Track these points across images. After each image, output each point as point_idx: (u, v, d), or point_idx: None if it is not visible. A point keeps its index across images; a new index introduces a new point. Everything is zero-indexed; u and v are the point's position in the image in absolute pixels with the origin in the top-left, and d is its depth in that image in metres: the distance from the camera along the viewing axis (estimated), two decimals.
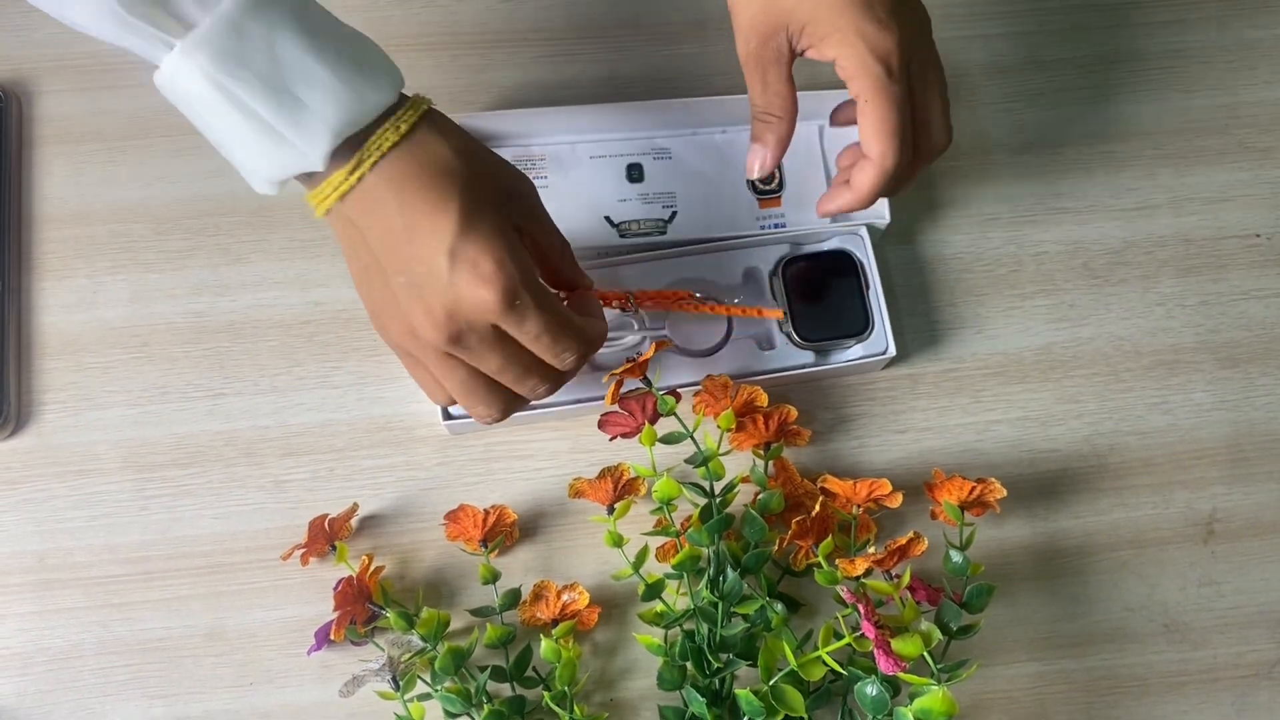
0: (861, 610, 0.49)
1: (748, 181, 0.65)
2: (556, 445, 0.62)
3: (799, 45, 0.51)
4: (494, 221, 0.46)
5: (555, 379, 0.51)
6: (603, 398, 0.57)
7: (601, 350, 0.59)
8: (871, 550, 0.52)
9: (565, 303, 0.51)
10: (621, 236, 0.63)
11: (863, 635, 0.49)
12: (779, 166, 0.65)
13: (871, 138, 0.51)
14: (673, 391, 0.57)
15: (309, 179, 0.47)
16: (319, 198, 0.46)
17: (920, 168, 0.54)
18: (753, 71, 0.53)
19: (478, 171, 0.47)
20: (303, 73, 0.43)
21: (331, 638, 0.55)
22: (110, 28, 0.43)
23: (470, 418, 0.59)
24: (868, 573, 0.52)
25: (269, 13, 0.43)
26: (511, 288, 0.46)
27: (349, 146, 0.45)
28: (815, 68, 0.53)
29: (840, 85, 0.52)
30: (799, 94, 0.64)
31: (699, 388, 0.59)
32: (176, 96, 0.44)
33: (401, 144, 0.46)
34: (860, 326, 0.62)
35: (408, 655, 0.55)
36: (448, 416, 0.59)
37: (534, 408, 0.60)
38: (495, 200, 0.47)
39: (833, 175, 0.65)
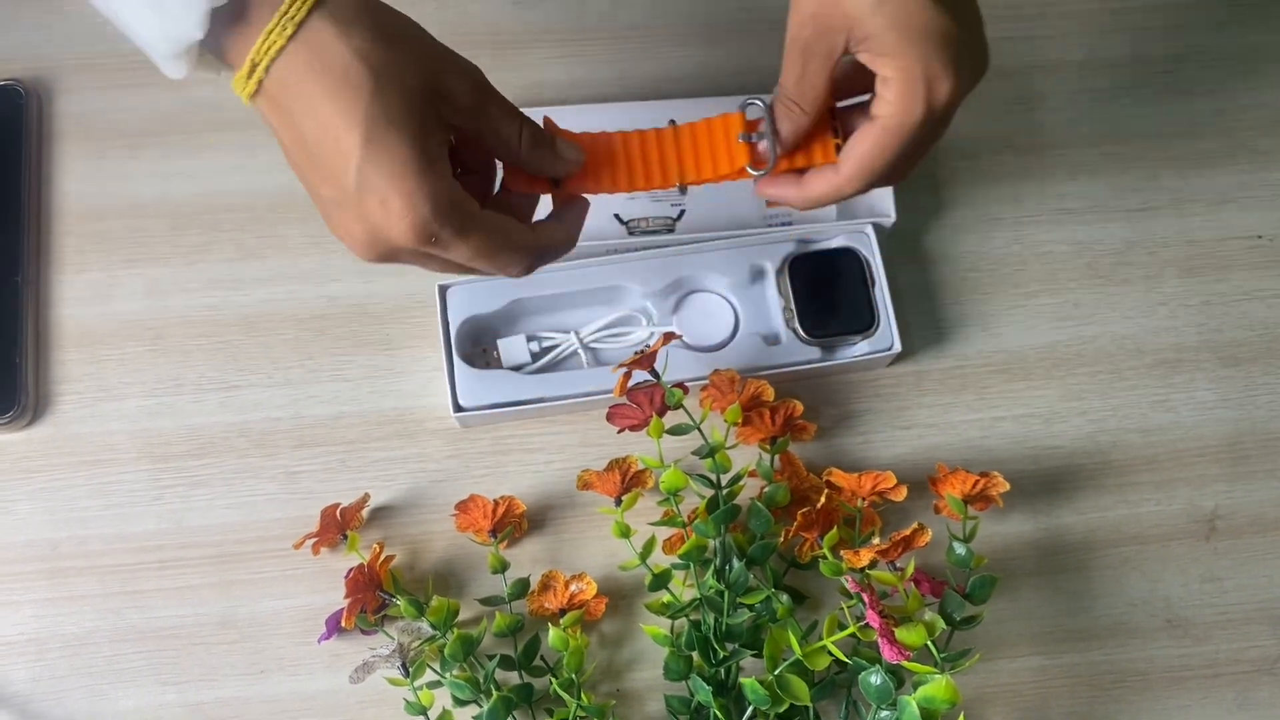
0: (866, 600, 0.49)
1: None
2: (565, 439, 0.62)
3: (855, 48, 0.47)
4: (406, 140, 0.41)
5: (525, 262, 0.47)
6: (611, 391, 0.57)
7: (610, 345, 0.60)
8: (876, 542, 0.53)
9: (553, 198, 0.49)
10: (630, 234, 0.64)
11: (867, 625, 0.49)
12: None
13: (856, 161, 0.49)
14: (680, 385, 0.57)
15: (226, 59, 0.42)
16: (237, 89, 0.42)
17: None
18: (795, 57, 0.49)
19: (391, 73, 0.41)
20: None
21: (342, 625, 0.56)
22: None
23: (480, 409, 0.60)
24: (872, 564, 0.53)
25: None
26: (422, 225, 0.42)
27: (244, 33, 0.40)
28: None
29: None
30: None
31: (706, 382, 0.60)
32: None
33: (292, 45, 0.40)
34: (866, 323, 0.62)
35: (418, 642, 0.55)
36: (458, 409, 0.60)
37: (542, 400, 0.61)
38: (412, 107, 0.41)
39: None
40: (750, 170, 0.51)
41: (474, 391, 0.60)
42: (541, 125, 0.49)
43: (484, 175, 0.49)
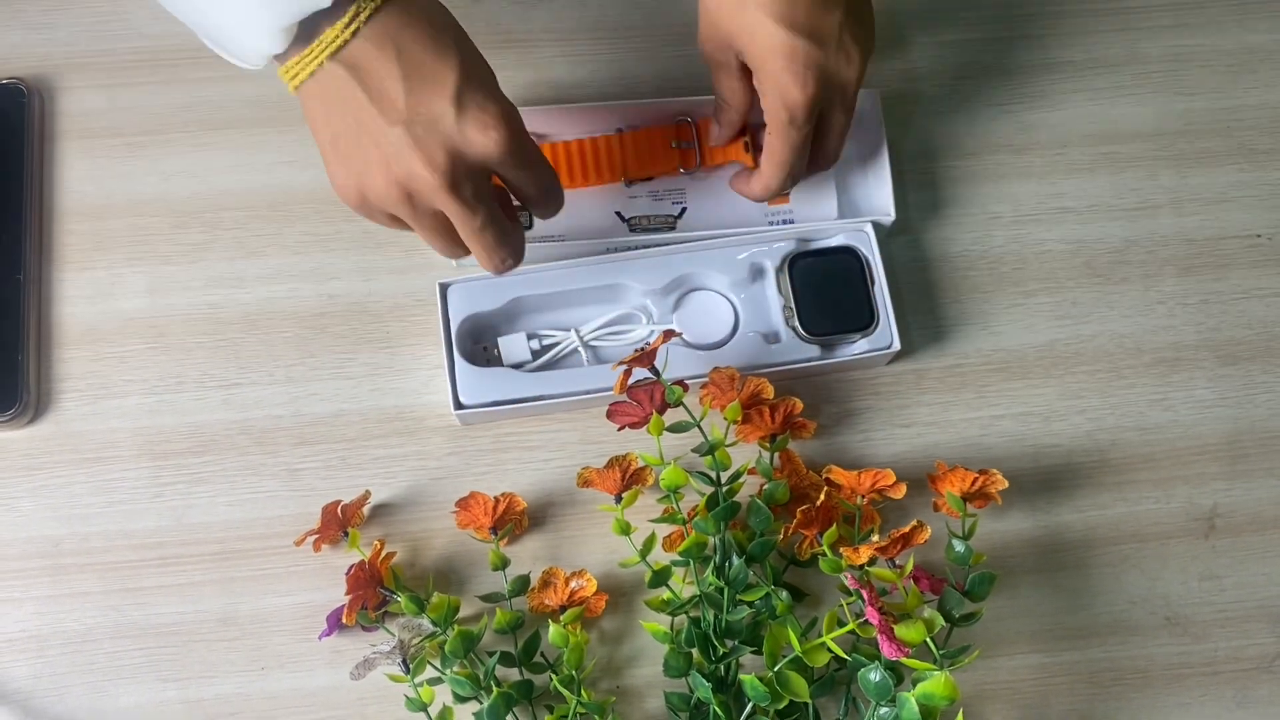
0: (865, 596, 0.49)
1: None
2: (565, 436, 0.63)
3: (743, 60, 0.57)
4: (490, 74, 0.49)
5: (519, 247, 0.54)
6: (611, 388, 0.58)
7: (610, 343, 0.61)
8: (875, 539, 0.53)
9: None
10: (632, 231, 0.64)
11: (866, 622, 0.49)
12: None
13: (765, 160, 0.59)
14: (680, 382, 0.58)
15: (293, 46, 0.47)
16: (309, 58, 0.47)
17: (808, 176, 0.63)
18: (709, 65, 0.60)
19: (464, 32, 0.50)
20: None
21: (343, 622, 0.56)
22: None
23: (480, 407, 0.60)
24: (872, 561, 0.53)
25: None
26: (517, 131, 0.49)
27: (336, 6, 0.46)
28: None
29: None
30: None
31: (706, 380, 0.60)
32: None
33: (388, 5, 0.47)
34: (865, 321, 0.63)
35: (418, 639, 0.55)
36: (459, 406, 0.60)
37: (543, 398, 0.61)
38: (483, 60, 0.50)
39: (840, 176, 0.66)
40: (681, 169, 0.65)
41: (474, 389, 0.61)
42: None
43: None
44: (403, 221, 0.52)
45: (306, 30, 0.47)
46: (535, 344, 0.62)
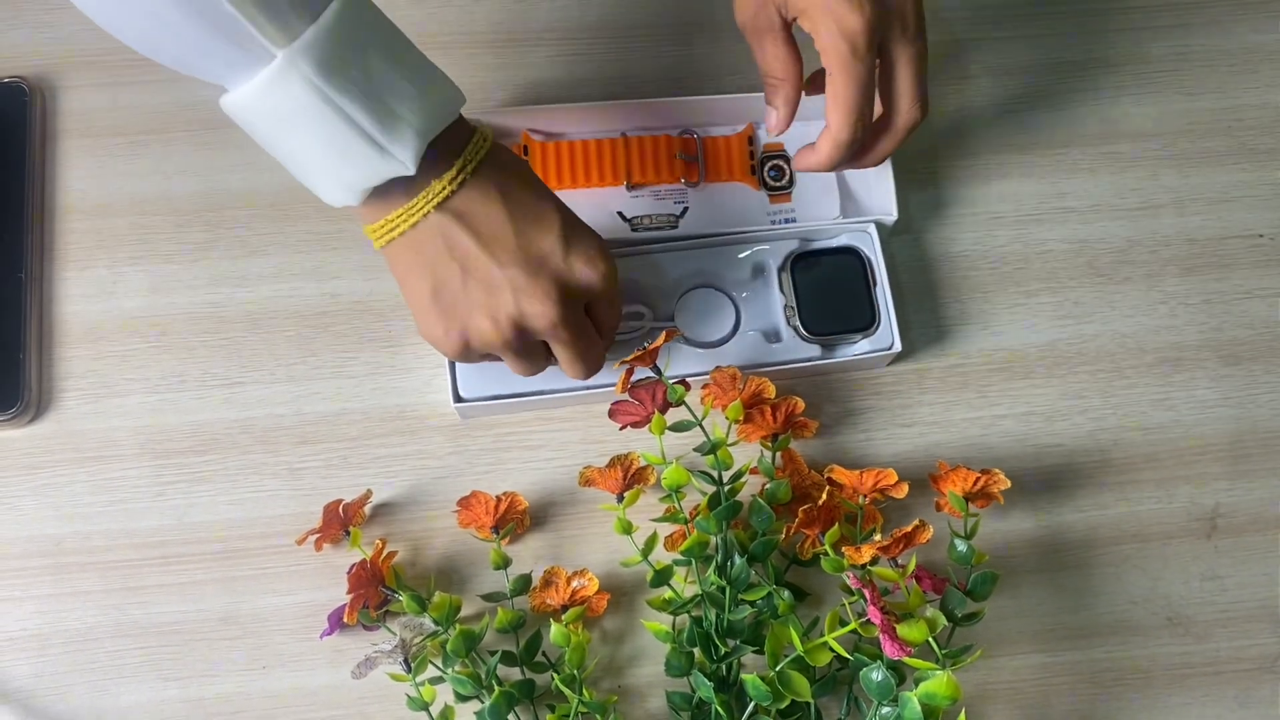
0: (867, 596, 0.49)
1: (761, 176, 0.66)
2: (567, 435, 0.63)
3: (788, 15, 0.54)
4: (579, 218, 0.53)
5: (601, 362, 0.57)
6: (613, 386, 0.57)
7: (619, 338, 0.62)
8: (877, 539, 0.53)
9: None
10: (634, 230, 0.64)
11: (868, 621, 0.49)
12: (788, 163, 0.66)
13: (830, 110, 0.54)
14: (682, 381, 0.58)
15: (378, 202, 0.49)
16: (412, 211, 0.49)
17: (892, 142, 0.57)
18: (751, 38, 0.56)
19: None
20: (390, 84, 0.46)
21: (345, 621, 0.56)
22: (195, 33, 0.42)
23: (480, 400, 0.60)
24: (874, 561, 0.53)
25: (359, 25, 0.45)
26: (611, 274, 0.53)
27: (440, 158, 0.48)
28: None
29: None
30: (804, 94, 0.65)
31: (708, 379, 0.60)
32: (262, 110, 0.45)
33: (494, 150, 0.51)
34: (867, 321, 0.63)
35: (420, 638, 0.55)
36: (458, 399, 0.60)
37: (543, 393, 0.61)
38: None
39: (842, 175, 0.66)
40: (683, 180, 0.65)
41: (474, 383, 0.61)
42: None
43: None
44: (492, 355, 0.55)
45: (382, 191, 0.49)
46: None
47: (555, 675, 0.55)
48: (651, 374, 0.57)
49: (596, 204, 0.65)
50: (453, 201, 0.49)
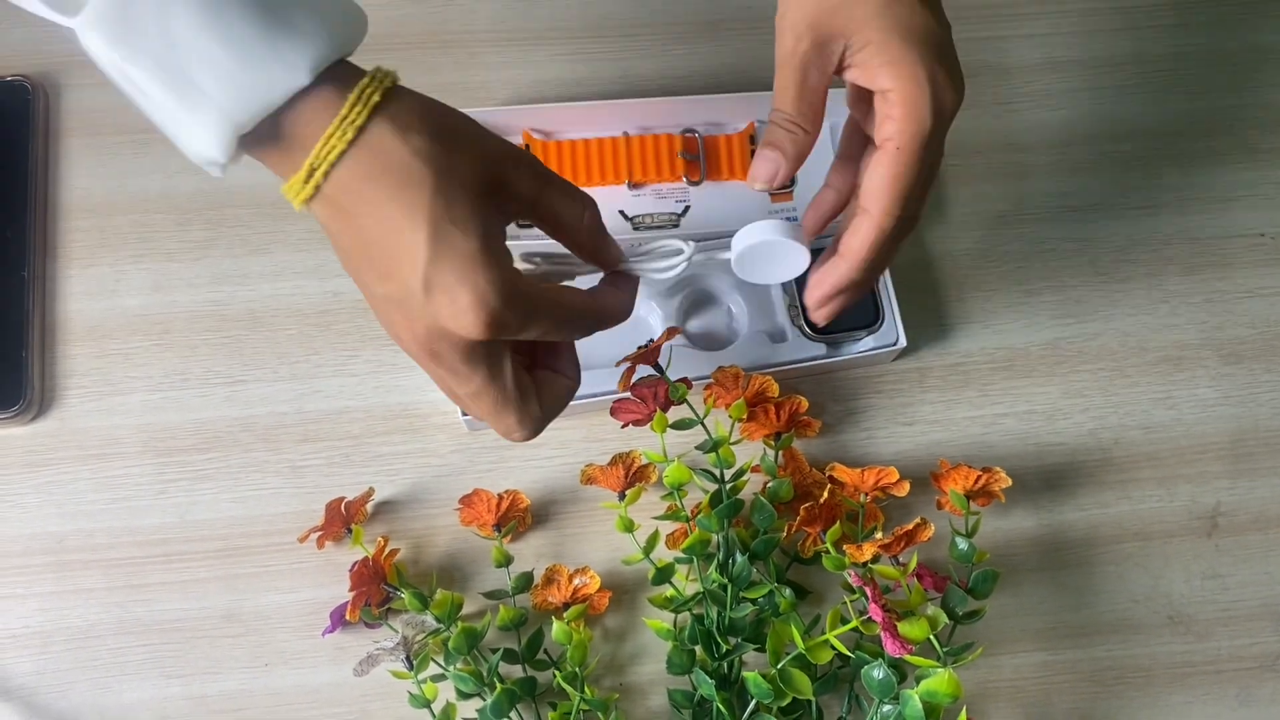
0: (869, 594, 0.49)
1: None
2: (569, 434, 0.63)
3: (849, 61, 0.45)
4: (471, 236, 0.40)
5: (586, 331, 0.46)
6: (614, 390, 0.57)
7: (657, 277, 0.50)
8: (879, 537, 0.53)
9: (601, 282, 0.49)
10: (635, 229, 0.64)
11: (870, 619, 0.49)
12: None
13: (883, 189, 0.45)
14: (684, 380, 0.58)
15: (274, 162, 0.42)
16: (289, 195, 0.42)
17: (900, 244, 0.48)
18: (792, 72, 0.45)
19: (452, 171, 0.40)
20: (199, 53, 0.38)
21: (347, 618, 0.56)
22: None
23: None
24: (875, 559, 0.53)
25: None
26: (492, 316, 0.41)
27: (297, 143, 0.40)
28: None
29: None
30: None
31: (710, 380, 0.60)
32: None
33: (353, 150, 0.40)
34: (871, 318, 0.63)
35: (422, 636, 0.55)
36: (465, 413, 0.60)
37: None
38: (474, 204, 0.41)
39: None
40: (685, 179, 0.64)
41: None
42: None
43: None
44: None
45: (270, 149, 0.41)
46: None
47: (557, 673, 0.55)
48: (653, 372, 0.57)
49: (600, 201, 0.64)
50: (313, 209, 0.41)
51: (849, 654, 0.51)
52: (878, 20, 0.44)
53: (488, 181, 0.42)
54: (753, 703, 0.53)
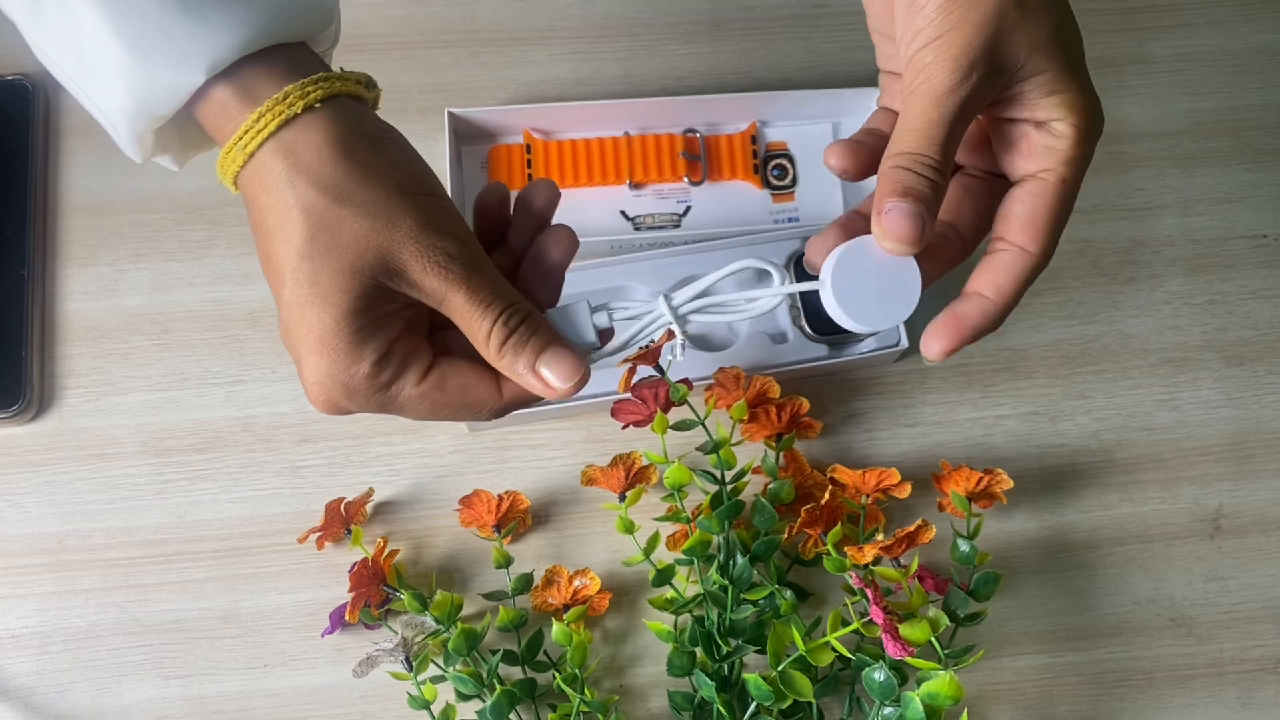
0: (870, 595, 0.49)
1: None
2: (569, 435, 0.62)
3: (1007, 92, 0.40)
4: (329, 311, 0.36)
5: (481, 419, 0.42)
6: (614, 391, 0.57)
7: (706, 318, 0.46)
8: (880, 538, 0.53)
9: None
10: (636, 230, 0.64)
11: (871, 621, 0.49)
12: (791, 162, 0.66)
13: (1045, 224, 0.40)
14: (685, 381, 0.57)
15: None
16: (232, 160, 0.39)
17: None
18: (950, 111, 0.38)
19: (336, 227, 0.36)
20: (99, 44, 0.35)
21: (346, 619, 0.56)
22: None
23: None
24: (876, 560, 0.53)
25: None
26: (331, 404, 0.38)
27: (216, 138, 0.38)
28: (831, 64, 0.54)
29: (858, 84, 0.52)
30: (808, 92, 0.65)
31: (711, 381, 0.60)
32: None
33: (244, 172, 0.37)
34: None
35: (421, 637, 0.55)
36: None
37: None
38: (343, 277, 0.36)
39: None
40: (686, 179, 0.64)
41: None
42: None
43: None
44: None
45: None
46: (602, 319, 0.46)
47: (557, 674, 0.55)
48: (654, 373, 0.57)
49: (599, 203, 0.64)
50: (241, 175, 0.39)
51: (850, 656, 0.51)
52: (1051, 46, 0.38)
53: (372, 258, 0.37)
54: (753, 705, 0.53)
